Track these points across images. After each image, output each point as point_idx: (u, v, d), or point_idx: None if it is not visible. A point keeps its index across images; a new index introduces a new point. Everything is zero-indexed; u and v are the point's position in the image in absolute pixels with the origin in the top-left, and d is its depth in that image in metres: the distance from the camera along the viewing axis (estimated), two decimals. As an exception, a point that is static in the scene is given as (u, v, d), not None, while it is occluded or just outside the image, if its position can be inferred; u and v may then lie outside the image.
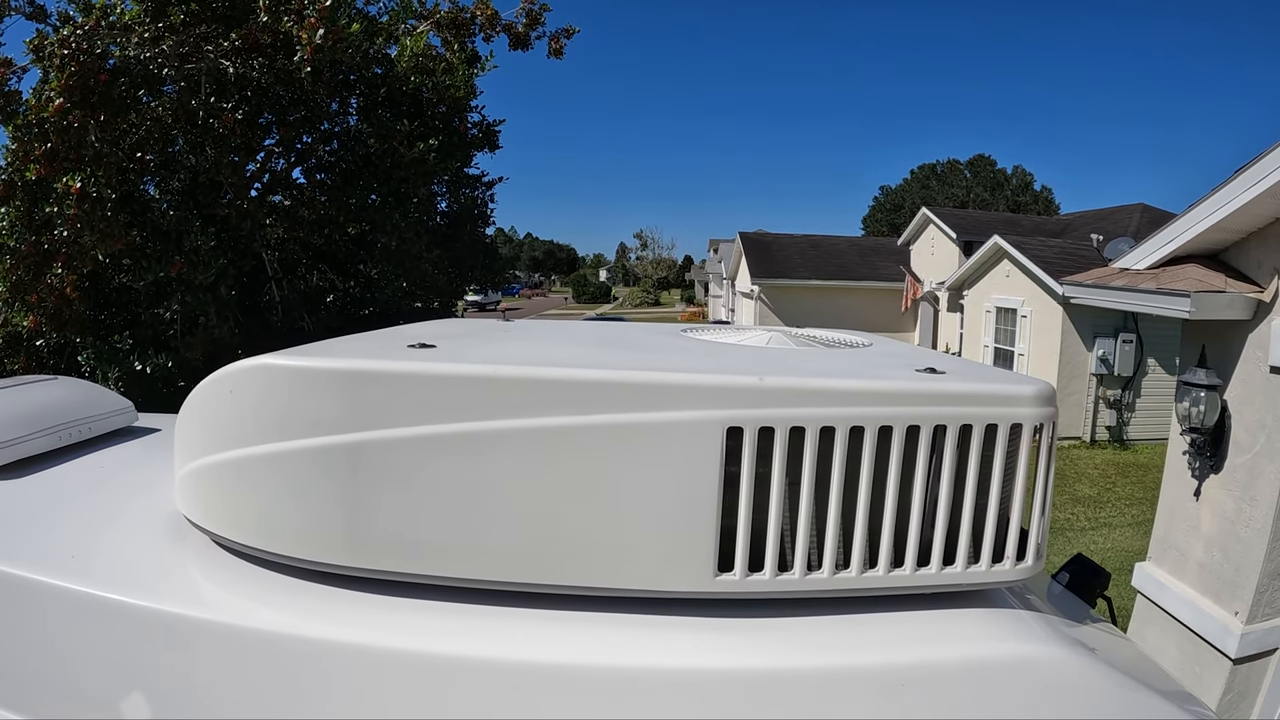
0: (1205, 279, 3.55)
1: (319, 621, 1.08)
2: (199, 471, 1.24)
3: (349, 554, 1.12)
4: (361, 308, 7.89)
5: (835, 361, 1.30)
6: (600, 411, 1.08)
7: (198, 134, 6.25)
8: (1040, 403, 1.14)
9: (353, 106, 7.66)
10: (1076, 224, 21.24)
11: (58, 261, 6.03)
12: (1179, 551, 3.91)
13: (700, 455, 1.08)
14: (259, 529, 1.18)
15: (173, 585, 1.20)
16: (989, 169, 64.26)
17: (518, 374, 1.10)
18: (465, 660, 1.03)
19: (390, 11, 7.69)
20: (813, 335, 1.70)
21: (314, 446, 1.12)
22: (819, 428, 1.08)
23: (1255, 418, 3.46)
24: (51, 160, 5.70)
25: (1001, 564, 1.16)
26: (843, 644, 1.07)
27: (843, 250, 25.83)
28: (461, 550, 1.10)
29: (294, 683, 1.06)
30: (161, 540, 1.32)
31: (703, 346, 1.45)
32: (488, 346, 1.35)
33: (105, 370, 6.18)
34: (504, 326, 1.76)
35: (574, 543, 1.10)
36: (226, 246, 6.58)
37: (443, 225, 8.81)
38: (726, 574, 1.10)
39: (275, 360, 1.16)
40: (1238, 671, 3.44)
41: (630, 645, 1.06)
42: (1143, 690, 1.10)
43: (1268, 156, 3.20)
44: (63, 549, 1.27)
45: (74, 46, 5.47)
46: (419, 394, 1.09)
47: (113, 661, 1.13)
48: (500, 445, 1.08)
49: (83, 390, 2.04)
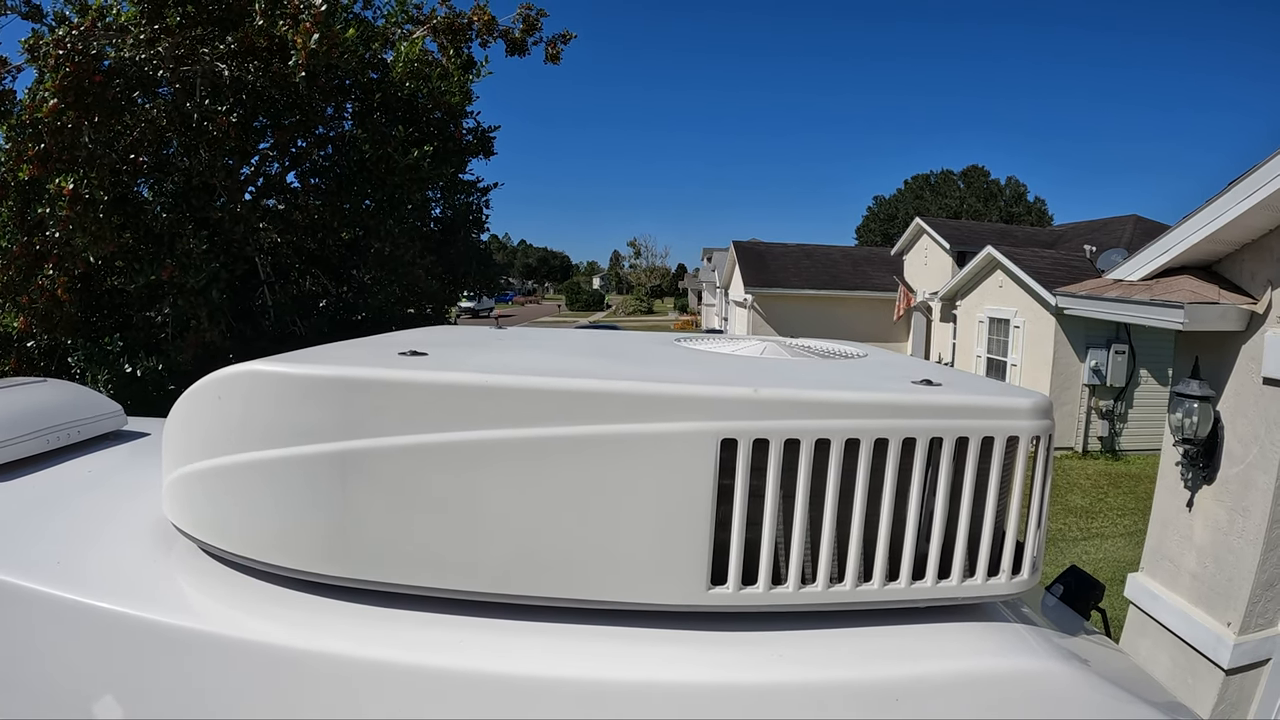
0: (1199, 290, 3.56)
1: (306, 632, 1.07)
2: (186, 478, 1.22)
3: (337, 564, 1.11)
4: (354, 313, 7.87)
5: (830, 372, 1.29)
6: (593, 422, 1.07)
7: (192, 137, 6.24)
8: (1037, 415, 1.13)
9: (348, 111, 7.66)
10: (1070, 235, 21.36)
11: (49, 263, 6.01)
12: (1172, 562, 3.91)
13: (693, 467, 1.06)
14: (246, 537, 1.16)
15: (158, 593, 1.18)
16: (983, 180, 64.62)
17: (510, 383, 1.08)
18: (454, 673, 1.02)
19: (386, 15, 7.69)
20: (807, 345, 1.69)
21: (303, 454, 1.10)
22: (814, 440, 1.07)
23: (1248, 428, 3.47)
24: (44, 161, 5.68)
25: (997, 577, 1.15)
26: (837, 658, 1.05)
27: (836, 260, 25.92)
28: (451, 561, 1.09)
29: (279, 693, 1.04)
30: (148, 547, 1.30)
31: (696, 356, 1.43)
32: (480, 355, 1.34)
33: (95, 372, 6.14)
34: (496, 334, 1.75)
35: (564, 554, 1.08)
36: (219, 250, 6.55)
37: (437, 231, 8.79)
38: (719, 587, 1.09)
39: (264, 366, 1.15)
40: (1230, 682, 3.44)
41: (621, 659, 1.04)
42: (1136, 702, 1.09)
43: (1261, 169, 3.22)
44: (48, 554, 1.25)
45: (69, 47, 5.46)
46: (410, 402, 1.08)
47: (96, 669, 1.11)
48: (492, 455, 1.07)
49: (72, 393, 2.02)
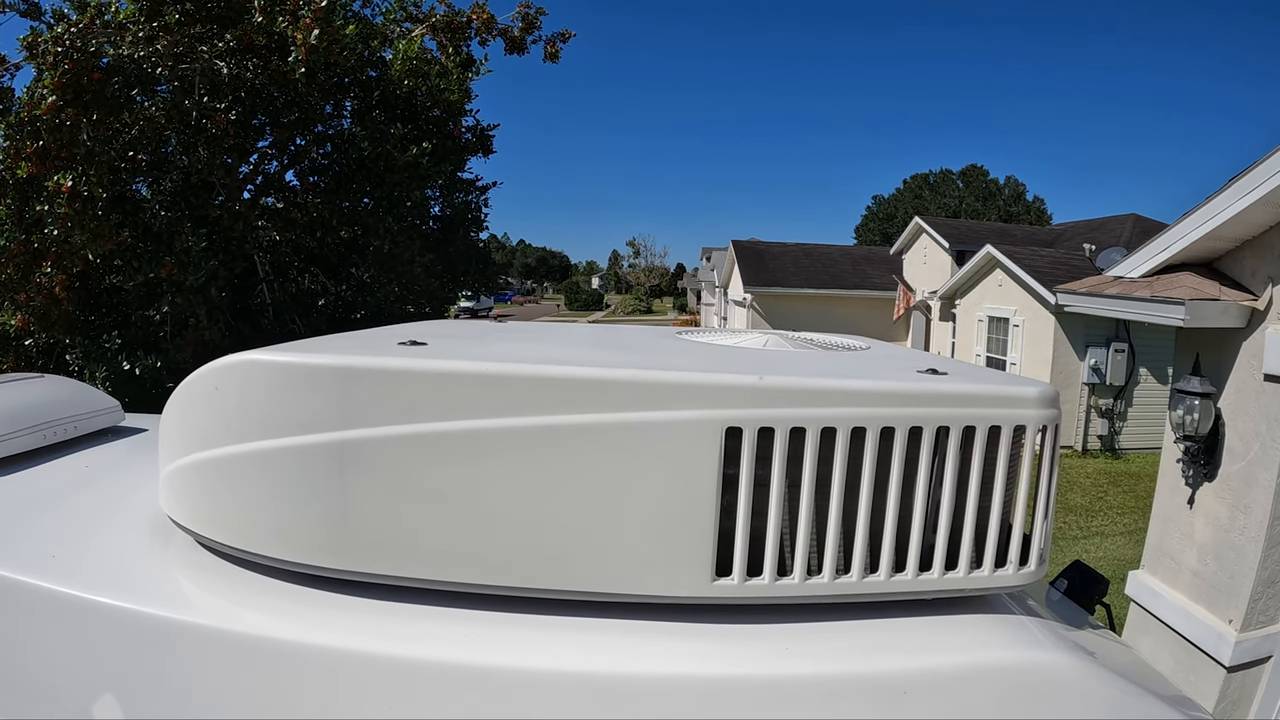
0: (1199, 287, 3.55)
1: (304, 625, 1.05)
2: (183, 470, 1.21)
3: (336, 556, 1.09)
4: (353, 311, 7.85)
5: (835, 362, 1.28)
6: (595, 410, 1.05)
7: (191, 134, 6.22)
8: (1044, 404, 1.12)
9: (347, 110, 7.64)
10: (1069, 234, 21.36)
11: (47, 261, 5.99)
12: (1173, 559, 3.90)
13: (698, 456, 1.05)
14: (243, 530, 1.15)
15: (155, 587, 1.17)
16: (981, 179, 64.60)
17: (511, 371, 1.07)
18: (455, 666, 1.00)
19: (385, 13, 7.68)
20: (809, 338, 1.68)
21: (300, 445, 1.09)
22: (820, 429, 1.06)
23: (1249, 425, 3.46)
24: (43, 158, 5.66)
25: (1004, 569, 1.14)
26: (844, 651, 1.04)
27: (835, 259, 25.89)
28: (452, 554, 1.08)
29: (277, 687, 1.03)
30: (145, 541, 1.29)
31: (699, 348, 1.42)
32: (480, 345, 1.32)
33: (93, 370, 6.12)
34: (497, 327, 1.74)
35: (566, 546, 1.07)
36: (218, 248, 6.53)
37: (436, 230, 8.77)
38: (724, 579, 1.08)
39: (261, 356, 1.13)
40: (1232, 679, 3.43)
41: (625, 653, 1.03)
42: (1143, 695, 1.08)
43: (1262, 165, 3.21)
44: (44, 549, 1.24)
45: (68, 44, 5.44)
46: (409, 391, 1.07)
47: (92, 664, 1.10)
48: (492, 445, 1.06)
49: (69, 389, 2.00)
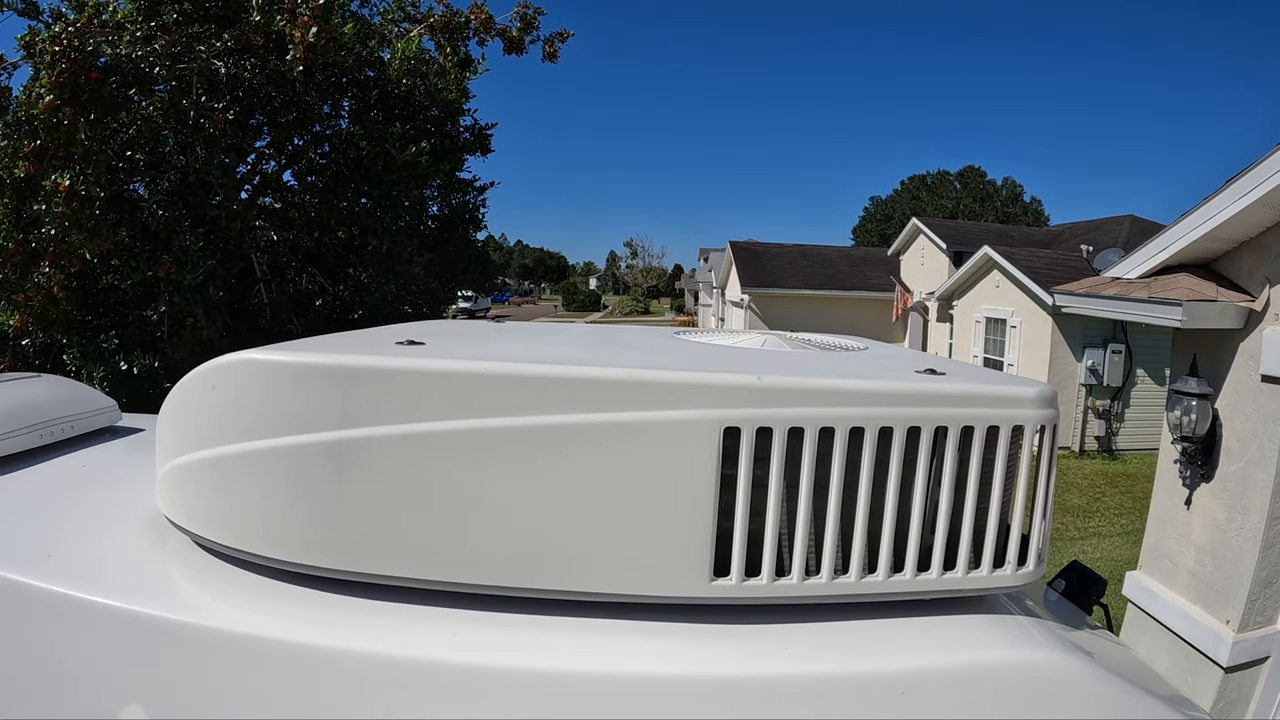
0: (1197, 288, 3.56)
1: (301, 626, 1.05)
2: (180, 470, 1.20)
3: (333, 556, 1.09)
4: (351, 311, 7.84)
5: (833, 362, 1.28)
6: (593, 410, 1.05)
7: (188, 134, 6.21)
8: (1042, 404, 1.12)
9: (344, 109, 7.63)
10: (1066, 235, 21.38)
11: (45, 260, 5.98)
12: (1170, 560, 3.90)
13: (696, 456, 1.05)
14: (240, 530, 1.14)
15: (151, 587, 1.16)
16: (979, 180, 64.68)
17: (508, 370, 1.07)
18: (452, 666, 1.00)
19: (383, 13, 7.67)
20: (807, 338, 1.68)
21: (298, 444, 1.08)
22: (818, 429, 1.06)
23: (1247, 426, 3.46)
24: (40, 158, 5.66)
25: (1003, 569, 1.13)
26: (841, 650, 1.04)
27: (833, 260, 25.90)
28: (449, 553, 1.07)
29: (274, 688, 1.02)
30: (141, 541, 1.29)
31: (697, 348, 1.42)
32: (478, 344, 1.32)
33: (91, 370, 6.11)
34: (495, 327, 1.73)
35: (563, 546, 1.07)
36: (215, 248, 6.52)
37: (434, 229, 8.77)
38: (722, 579, 1.07)
39: (259, 355, 1.13)
40: (1229, 680, 3.43)
41: (622, 653, 1.03)
42: (1141, 695, 1.08)
43: (1259, 166, 3.22)
44: (41, 548, 1.24)
45: (65, 44, 5.43)
46: (406, 391, 1.06)
47: (88, 664, 1.10)
48: (490, 444, 1.05)
49: (66, 388, 2.00)
